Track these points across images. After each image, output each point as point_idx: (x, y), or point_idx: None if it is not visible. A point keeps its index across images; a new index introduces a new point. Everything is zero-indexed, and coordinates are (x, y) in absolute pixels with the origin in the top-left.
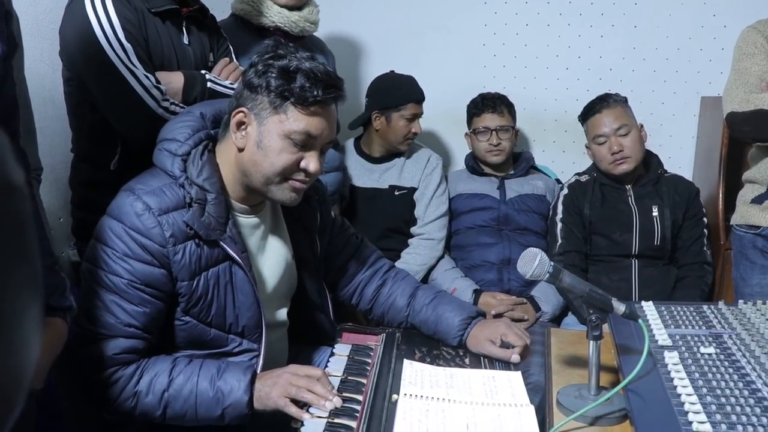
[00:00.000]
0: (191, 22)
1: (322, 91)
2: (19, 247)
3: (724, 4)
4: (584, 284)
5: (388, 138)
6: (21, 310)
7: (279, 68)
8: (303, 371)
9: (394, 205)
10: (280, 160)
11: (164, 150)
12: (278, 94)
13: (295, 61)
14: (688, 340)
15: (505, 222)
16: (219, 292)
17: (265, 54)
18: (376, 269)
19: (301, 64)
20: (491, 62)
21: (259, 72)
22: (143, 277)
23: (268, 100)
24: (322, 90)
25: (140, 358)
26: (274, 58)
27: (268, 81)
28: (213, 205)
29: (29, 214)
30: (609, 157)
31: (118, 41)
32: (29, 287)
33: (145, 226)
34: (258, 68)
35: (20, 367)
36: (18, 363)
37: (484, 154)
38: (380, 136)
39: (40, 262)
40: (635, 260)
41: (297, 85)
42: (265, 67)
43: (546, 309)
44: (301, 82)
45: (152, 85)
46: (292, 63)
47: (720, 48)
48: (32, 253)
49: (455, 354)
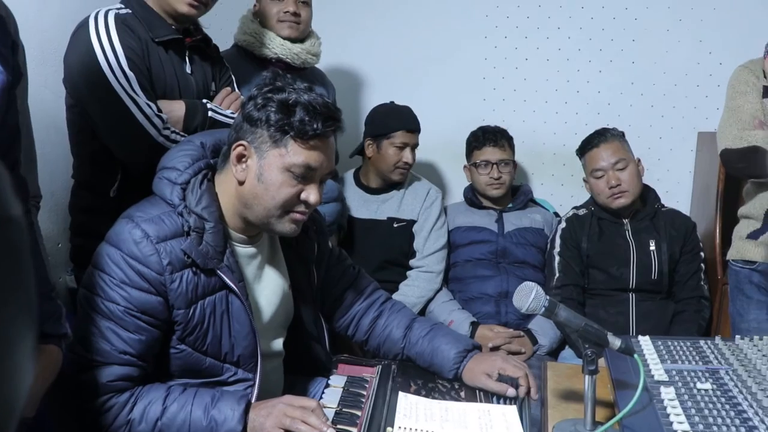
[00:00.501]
0: (194, 51)
1: (322, 124)
2: (14, 278)
3: (719, 43)
4: (580, 318)
5: (379, 166)
6: (15, 340)
7: (278, 102)
8: (298, 402)
9: (393, 237)
10: (281, 193)
11: (164, 178)
12: (278, 128)
13: (294, 94)
14: (685, 376)
15: (503, 255)
16: (215, 321)
17: (264, 87)
18: (373, 300)
19: (299, 97)
20: (491, 95)
21: (258, 105)
22: (140, 305)
23: (268, 134)
24: (322, 123)
25: (135, 385)
26: (273, 91)
27: (268, 115)
28: (211, 234)
29: (26, 246)
30: (607, 191)
31: (121, 69)
32: (23, 317)
33: (142, 254)
34: (257, 101)
35: (12, 395)
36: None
37: (485, 188)
38: (373, 164)
39: (35, 292)
40: (632, 294)
41: (296, 119)
42: (264, 100)
43: (543, 342)
44: (300, 116)
45: (154, 114)
46: (291, 96)
47: (716, 84)
48: (27, 284)
49: (451, 387)
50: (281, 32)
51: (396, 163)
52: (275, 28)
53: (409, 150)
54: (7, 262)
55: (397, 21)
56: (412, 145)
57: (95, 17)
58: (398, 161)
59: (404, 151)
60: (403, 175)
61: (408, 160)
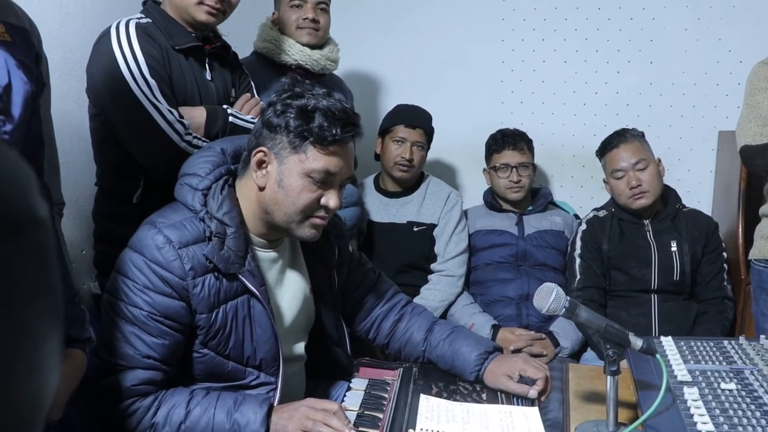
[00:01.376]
0: (214, 58)
1: (341, 130)
2: (41, 278)
3: (738, 41)
4: (601, 319)
5: (384, 164)
6: (42, 338)
7: (297, 108)
8: (320, 405)
9: (413, 241)
10: (301, 199)
11: (185, 184)
12: (297, 134)
13: (313, 99)
14: (708, 376)
15: (523, 258)
16: (237, 325)
17: (282, 93)
18: (393, 304)
19: (318, 102)
20: (509, 98)
21: (277, 111)
22: (163, 310)
23: (287, 140)
24: (341, 128)
25: (158, 389)
26: (292, 98)
27: (287, 121)
28: (232, 239)
29: (52, 247)
30: (627, 192)
31: (143, 77)
32: (50, 316)
33: (165, 259)
34: (276, 108)
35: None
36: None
37: (504, 191)
38: (381, 163)
39: (61, 293)
40: (654, 295)
41: (315, 125)
42: (283, 106)
43: (565, 344)
44: (319, 122)
45: (175, 120)
46: (310, 102)
47: (736, 83)
48: (54, 284)
49: (472, 389)
50: (300, 39)
51: (395, 159)
52: (294, 35)
53: (409, 146)
54: (34, 262)
55: (413, 26)
56: (413, 141)
57: (117, 27)
58: (396, 156)
59: (403, 146)
60: (404, 173)
61: (405, 155)
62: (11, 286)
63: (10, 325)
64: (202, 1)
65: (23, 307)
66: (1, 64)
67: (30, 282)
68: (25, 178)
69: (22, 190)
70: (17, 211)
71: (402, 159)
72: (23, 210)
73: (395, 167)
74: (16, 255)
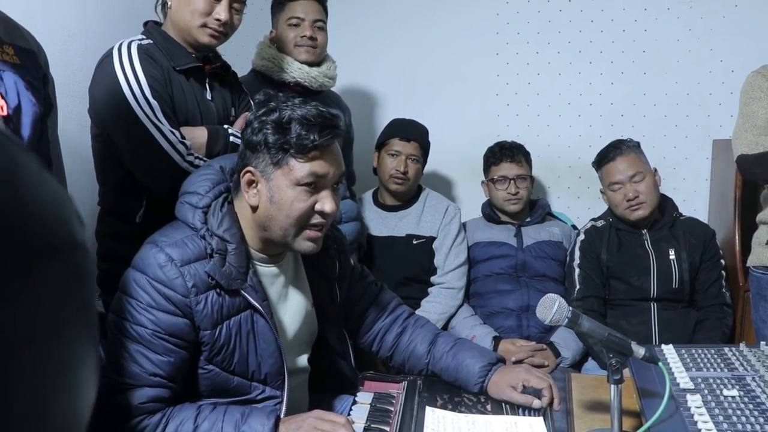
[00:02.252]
0: (214, 78)
1: (318, 135)
2: (81, 300)
3: (730, 50)
4: (603, 328)
5: (380, 177)
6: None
7: (273, 122)
8: (327, 416)
9: (412, 254)
10: (294, 209)
11: (185, 203)
12: (277, 148)
13: (288, 110)
14: (711, 383)
15: (522, 269)
16: (241, 341)
17: (258, 110)
18: (396, 316)
19: (293, 113)
20: (504, 111)
21: (255, 130)
22: (167, 327)
23: (269, 156)
24: (318, 134)
25: (166, 406)
26: (266, 113)
27: (266, 138)
28: (233, 255)
29: (90, 271)
30: (625, 203)
31: (145, 98)
32: (88, 336)
33: (167, 277)
34: (254, 126)
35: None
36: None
37: (502, 203)
38: (378, 177)
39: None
40: (654, 304)
41: (293, 136)
42: (260, 123)
43: (566, 355)
44: (296, 132)
45: (177, 141)
46: (285, 114)
47: (729, 92)
48: (92, 305)
49: (477, 400)
50: (299, 57)
51: (390, 172)
52: (293, 53)
53: (404, 159)
54: (75, 284)
55: (409, 41)
56: (407, 154)
57: (119, 48)
58: (391, 169)
59: (398, 159)
60: (400, 186)
61: (400, 168)
62: (55, 307)
63: (54, 346)
64: (205, 23)
65: (65, 328)
66: (11, 86)
67: (71, 304)
68: (65, 203)
69: (64, 215)
70: (60, 235)
71: (397, 172)
72: (65, 235)
73: (390, 180)
74: (60, 277)
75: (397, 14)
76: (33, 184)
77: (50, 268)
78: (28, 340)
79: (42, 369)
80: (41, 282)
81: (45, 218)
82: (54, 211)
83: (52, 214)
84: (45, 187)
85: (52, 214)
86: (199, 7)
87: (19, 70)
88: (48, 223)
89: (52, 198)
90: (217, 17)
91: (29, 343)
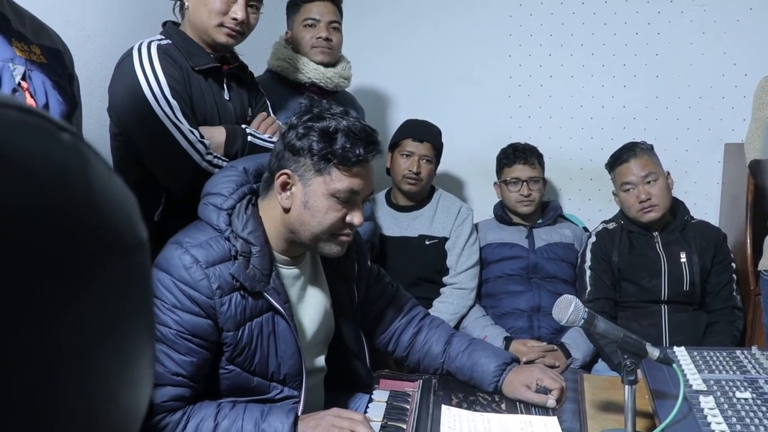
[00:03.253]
0: (231, 78)
1: (363, 150)
2: (143, 296)
3: (743, 54)
4: (618, 329)
5: (393, 177)
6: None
7: (319, 130)
8: (345, 414)
9: (425, 254)
10: (327, 219)
11: (209, 204)
12: (321, 156)
13: (333, 121)
14: (723, 385)
15: (534, 270)
16: (262, 342)
17: (303, 115)
18: (412, 317)
19: (339, 123)
20: (516, 113)
21: (299, 135)
22: (191, 328)
23: (311, 163)
24: (363, 148)
25: (186, 405)
26: (312, 119)
27: (310, 144)
28: (257, 257)
29: (150, 267)
30: (637, 205)
31: (165, 98)
32: (148, 332)
33: (193, 279)
34: (299, 131)
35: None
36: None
37: (515, 204)
38: (391, 177)
39: (153, 307)
40: (665, 306)
41: (338, 147)
42: (305, 129)
43: (576, 356)
44: (341, 143)
45: (197, 140)
46: (331, 123)
47: (741, 96)
48: (150, 301)
49: (491, 399)
50: (314, 57)
51: (403, 172)
52: (309, 54)
53: (417, 159)
54: (139, 281)
55: (422, 43)
56: (420, 154)
57: (138, 48)
58: (404, 170)
59: (411, 159)
60: (413, 186)
61: (413, 168)
62: (125, 304)
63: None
64: (222, 23)
65: (132, 324)
66: (38, 86)
67: (136, 300)
68: (130, 202)
69: (130, 213)
70: (128, 233)
71: (410, 172)
72: (132, 232)
73: (403, 180)
74: (129, 275)
75: (411, 16)
76: (104, 183)
77: (121, 266)
78: (103, 337)
79: (111, 366)
80: (114, 280)
81: (115, 217)
82: (122, 210)
83: (120, 213)
84: (114, 186)
85: (121, 213)
86: (216, 6)
87: (46, 69)
88: (118, 222)
89: (120, 197)
90: (233, 16)
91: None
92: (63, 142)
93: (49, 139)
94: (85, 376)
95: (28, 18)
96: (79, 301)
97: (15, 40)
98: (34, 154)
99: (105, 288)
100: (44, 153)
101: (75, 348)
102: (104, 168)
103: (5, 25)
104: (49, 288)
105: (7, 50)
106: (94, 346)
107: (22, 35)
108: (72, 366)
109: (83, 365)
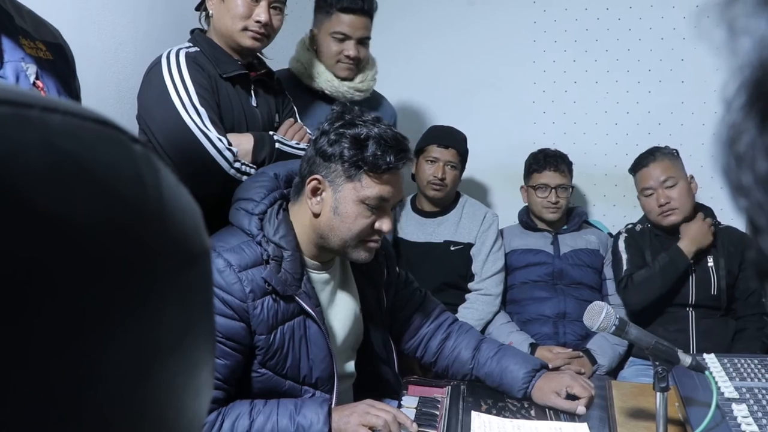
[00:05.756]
0: (258, 85)
1: (394, 157)
2: (205, 308)
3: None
4: (650, 336)
5: (418, 183)
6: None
7: (351, 137)
8: (378, 405)
9: (450, 260)
10: (356, 225)
11: (241, 209)
12: (352, 163)
13: (365, 128)
14: (756, 393)
15: (559, 276)
16: (294, 345)
17: (335, 121)
18: (440, 322)
19: (370, 131)
20: (541, 119)
21: (331, 141)
22: (225, 331)
23: (342, 169)
24: (394, 156)
25: (220, 407)
26: (344, 126)
27: (342, 150)
28: (289, 261)
29: (212, 279)
30: (657, 209)
31: (193, 105)
32: (210, 340)
33: (226, 282)
34: (330, 137)
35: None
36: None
37: (541, 210)
38: (417, 183)
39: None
40: (692, 311)
41: (369, 154)
42: (337, 135)
43: (602, 362)
44: (372, 150)
45: (225, 147)
46: (363, 131)
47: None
48: (211, 310)
49: (520, 406)
50: (338, 73)
51: (428, 178)
52: (332, 67)
53: (441, 165)
54: (205, 290)
55: (446, 49)
56: (445, 161)
57: (167, 56)
58: (429, 176)
59: (436, 165)
60: (438, 192)
61: (438, 174)
62: (192, 313)
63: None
64: (246, 27)
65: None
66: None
67: (201, 308)
68: (197, 211)
69: (196, 222)
70: (194, 242)
71: (434, 178)
72: (198, 241)
73: (428, 186)
74: (196, 283)
75: (435, 22)
76: (174, 193)
77: (189, 275)
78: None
79: (178, 376)
80: (182, 290)
81: (184, 227)
82: (190, 220)
83: (188, 222)
84: (182, 196)
85: (189, 223)
86: (239, 11)
87: (53, 66)
88: (187, 232)
89: (188, 207)
90: (257, 19)
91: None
92: (136, 154)
93: (124, 150)
94: (161, 389)
95: (26, 12)
96: (152, 312)
97: (21, 38)
98: (110, 165)
99: (175, 298)
100: (119, 164)
101: (146, 360)
102: (173, 179)
103: (9, 21)
104: (123, 299)
105: (16, 49)
106: (164, 357)
107: (26, 32)
108: (142, 378)
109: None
